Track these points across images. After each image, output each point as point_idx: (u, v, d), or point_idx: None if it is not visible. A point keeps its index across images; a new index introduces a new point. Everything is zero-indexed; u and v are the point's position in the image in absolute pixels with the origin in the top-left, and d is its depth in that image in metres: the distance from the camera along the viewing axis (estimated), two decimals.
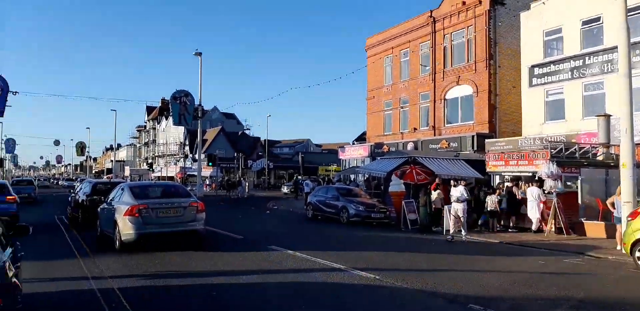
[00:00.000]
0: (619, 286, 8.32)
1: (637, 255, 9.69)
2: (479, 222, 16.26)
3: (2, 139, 68.51)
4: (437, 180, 16.98)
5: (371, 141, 32.45)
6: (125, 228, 10.43)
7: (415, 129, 28.69)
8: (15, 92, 28.06)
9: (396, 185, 18.40)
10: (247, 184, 42.06)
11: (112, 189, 13.35)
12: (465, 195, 14.32)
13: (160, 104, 74.56)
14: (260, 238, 13.21)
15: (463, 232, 13.77)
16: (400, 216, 17.23)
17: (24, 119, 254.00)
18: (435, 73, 27.25)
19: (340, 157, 36.43)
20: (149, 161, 79.12)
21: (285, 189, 45.05)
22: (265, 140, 63.35)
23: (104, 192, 15.12)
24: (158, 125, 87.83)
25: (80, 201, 16.34)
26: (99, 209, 12.81)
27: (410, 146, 27.52)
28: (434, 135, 26.92)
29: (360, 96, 34.91)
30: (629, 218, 10.47)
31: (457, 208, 13.94)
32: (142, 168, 78.46)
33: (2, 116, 28.63)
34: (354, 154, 33.92)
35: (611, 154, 15.36)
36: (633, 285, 8.57)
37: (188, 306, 6.59)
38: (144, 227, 10.43)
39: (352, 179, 30.61)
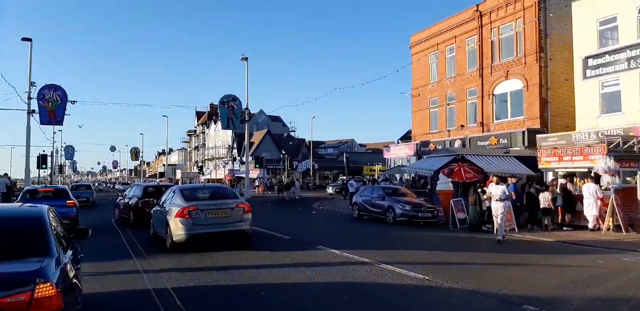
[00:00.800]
0: None
1: None
2: (545, 222, 15.64)
3: (61, 146, 72.36)
4: (490, 177, 16.51)
5: (417, 140, 31.99)
6: (177, 229, 10.79)
7: (462, 126, 28.07)
8: (74, 101, 29.54)
9: (443, 183, 18.06)
10: (298, 186, 42.40)
11: (160, 192, 13.88)
12: (507, 193, 13.63)
13: (209, 109, 76.58)
14: (307, 238, 13.30)
15: (503, 231, 13.15)
16: (449, 215, 16.92)
17: (82, 126, 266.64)
18: (482, 68, 26.58)
19: (385, 156, 36.11)
20: (199, 164, 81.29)
21: (330, 190, 45.09)
22: (310, 141, 63.69)
23: (153, 194, 16.14)
24: (207, 129, 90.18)
25: (130, 203, 17.12)
26: (151, 211, 13.36)
27: (457, 144, 26.93)
28: (482, 132, 26.24)
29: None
30: None
31: (497, 207, 13.29)
32: (192, 171, 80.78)
33: (61, 124, 30.32)
34: (399, 153, 33.55)
35: None
36: None
37: (239, 305, 6.69)
38: (194, 228, 10.77)
39: (398, 178, 30.29)
